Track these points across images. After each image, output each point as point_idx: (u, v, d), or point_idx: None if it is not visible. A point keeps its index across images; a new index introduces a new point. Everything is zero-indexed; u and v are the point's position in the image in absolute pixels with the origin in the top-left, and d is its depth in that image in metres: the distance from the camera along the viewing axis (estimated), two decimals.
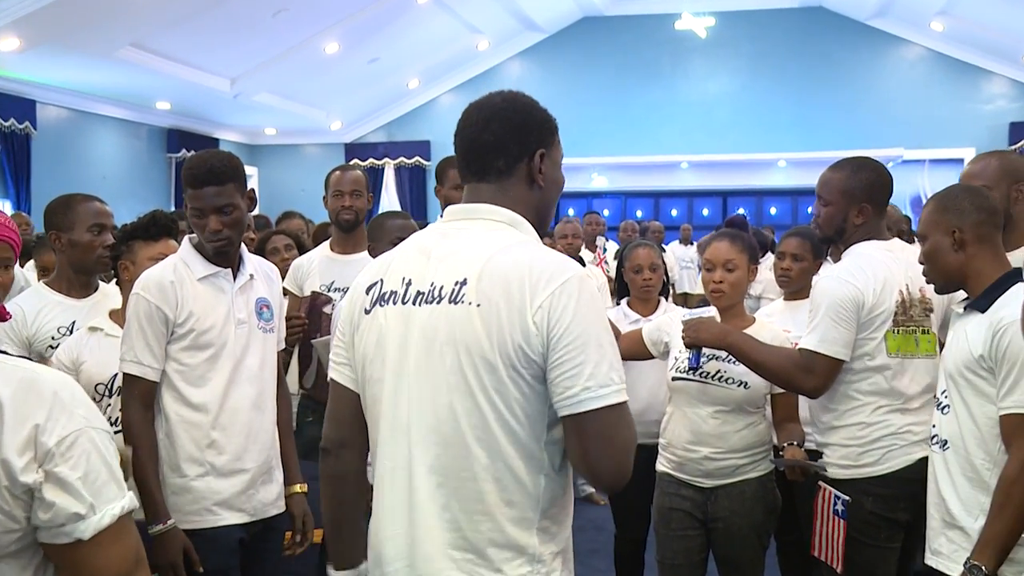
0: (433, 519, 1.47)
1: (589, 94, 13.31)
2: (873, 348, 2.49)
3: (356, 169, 3.65)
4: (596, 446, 1.42)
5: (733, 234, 2.97)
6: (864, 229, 2.57)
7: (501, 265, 1.46)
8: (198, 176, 2.36)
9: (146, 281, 2.35)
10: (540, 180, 1.59)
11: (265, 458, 2.46)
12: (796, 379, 2.53)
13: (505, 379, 1.44)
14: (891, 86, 12.72)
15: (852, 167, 2.62)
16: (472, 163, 1.59)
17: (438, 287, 1.50)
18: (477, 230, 1.54)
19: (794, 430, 2.87)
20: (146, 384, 2.33)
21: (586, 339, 1.41)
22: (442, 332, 1.48)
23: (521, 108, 1.61)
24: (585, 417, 1.41)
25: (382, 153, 14.15)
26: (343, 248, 3.56)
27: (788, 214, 13.41)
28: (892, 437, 2.49)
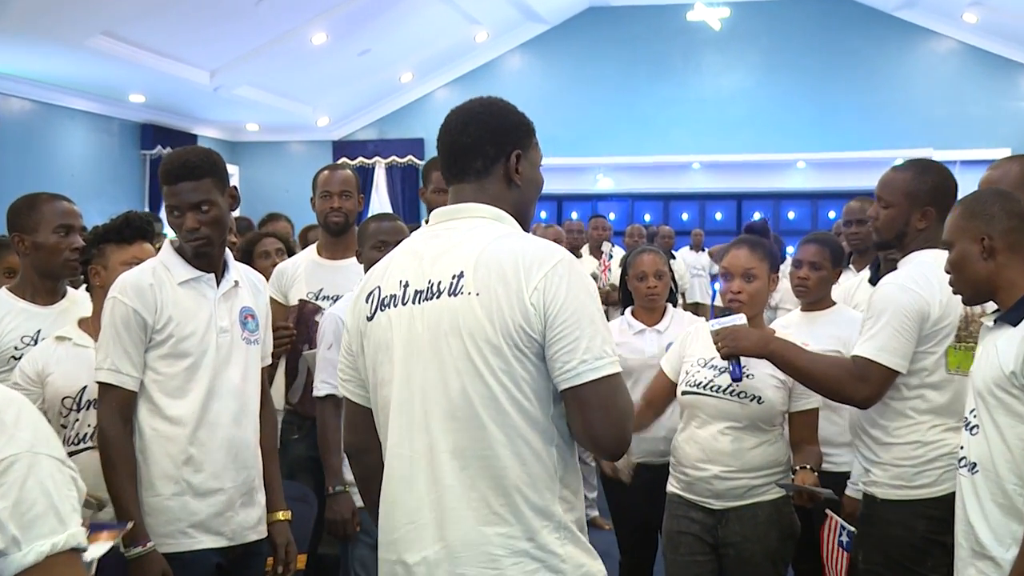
0: (462, 500, 1.66)
1: (594, 90, 13.32)
2: (932, 363, 2.52)
3: (345, 168, 3.67)
4: (596, 416, 1.64)
5: (753, 241, 2.99)
6: (925, 235, 2.60)
7: (495, 254, 1.68)
8: (173, 171, 2.38)
9: (123, 284, 2.37)
10: (517, 179, 1.81)
11: (246, 478, 2.46)
12: (847, 388, 2.54)
13: (511, 359, 1.64)
14: (919, 82, 12.74)
15: (918, 168, 2.65)
16: (453, 165, 1.83)
17: (436, 283, 1.71)
18: (464, 227, 1.76)
19: (810, 452, 2.88)
20: (124, 394, 2.34)
21: (580, 315, 1.63)
22: (445, 323, 1.68)
23: (497, 112, 1.83)
24: (584, 388, 1.63)
25: (372, 151, 14.15)
26: (331, 253, 3.57)
27: (807, 219, 13.42)
28: (950, 457, 2.49)
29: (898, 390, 2.54)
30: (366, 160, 14.08)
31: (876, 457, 2.62)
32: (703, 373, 2.87)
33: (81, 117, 11.34)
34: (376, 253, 3.08)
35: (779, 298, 5.48)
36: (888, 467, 2.58)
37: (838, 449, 3.23)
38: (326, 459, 3.04)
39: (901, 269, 2.62)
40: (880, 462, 2.60)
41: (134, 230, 2.71)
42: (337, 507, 2.99)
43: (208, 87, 11.13)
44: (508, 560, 1.65)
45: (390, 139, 14.18)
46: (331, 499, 3.00)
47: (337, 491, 3.00)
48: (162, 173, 2.41)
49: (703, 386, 2.86)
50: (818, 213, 13.38)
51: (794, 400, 2.89)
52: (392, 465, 1.75)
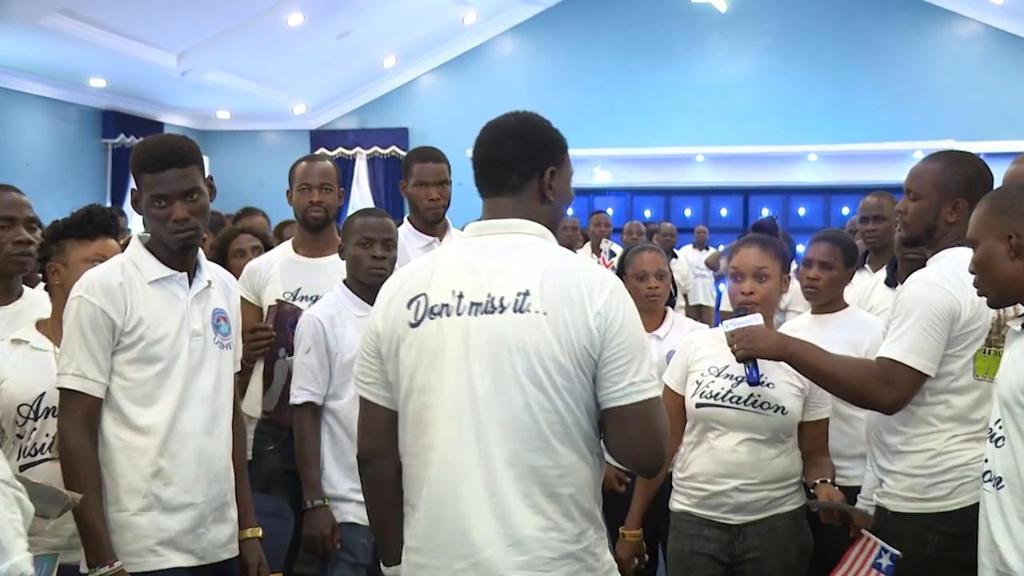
0: (518, 507, 1.86)
1: (591, 77, 13.34)
2: (959, 367, 2.53)
3: (325, 160, 3.67)
4: (639, 434, 1.90)
5: (764, 239, 3.00)
6: (957, 230, 2.59)
7: (558, 276, 1.90)
8: (160, 158, 2.37)
9: (90, 282, 2.35)
10: (550, 195, 2.00)
11: (218, 491, 2.46)
12: (872, 392, 2.54)
13: (573, 377, 1.88)
14: (941, 68, 12.77)
15: (949, 159, 2.66)
16: (488, 178, 2.02)
17: (497, 298, 1.90)
18: (516, 243, 1.96)
19: (825, 464, 2.90)
20: (89, 402, 2.32)
21: (633, 340, 1.90)
22: (510, 339, 1.88)
23: (533, 127, 2.03)
24: (631, 408, 1.88)
25: (353, 142, 14.14)
26: (309, 250, 3.56)
27: (819, 215, 13.45)
28: (965, 468, 2.51)
29: (921, 395, 2.55)
30: (346, 151, 14.07)
31: (890, 466, 2.63)
32: (719, 383, 2.87)
33: (37, 103, 11.29)
34: (361, 250, 3.07)
35: (788, 300, 5.47)
36: (901, 477, 2.59)
37: (849, 462, 3.24)
38: (304, 471, 3.04)
39: (931, 266, 2.61)
40: (893, 471, 2.61)
41: (96, 225, 2.69)
42: (315, 522, 2.98)
43: (175, 71, 11.11)
44: (557, 563, 1.87)
45: (372, 128, 14.17)
46: (309, 514, 3.00)
47: (316, 505, 3.00)
48: (143, 161, 2.38)
49: (721, 397, 2.85)
50: (831, 209, 13.41)
51: (807, 409, 2.90)
52: (438, 472, 1.91)
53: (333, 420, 3.07)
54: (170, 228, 2.39)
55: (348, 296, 3.12)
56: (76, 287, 2.37)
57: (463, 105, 13.58)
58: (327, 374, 3.06)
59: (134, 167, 2.42)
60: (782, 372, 2.82)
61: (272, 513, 3.08)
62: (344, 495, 3.03)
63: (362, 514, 3.02)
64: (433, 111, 13.83)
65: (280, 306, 3.40)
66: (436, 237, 3.77)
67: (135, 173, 2.42)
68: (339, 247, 3.16)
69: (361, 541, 3.03)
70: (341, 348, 3.04)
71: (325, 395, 3.07)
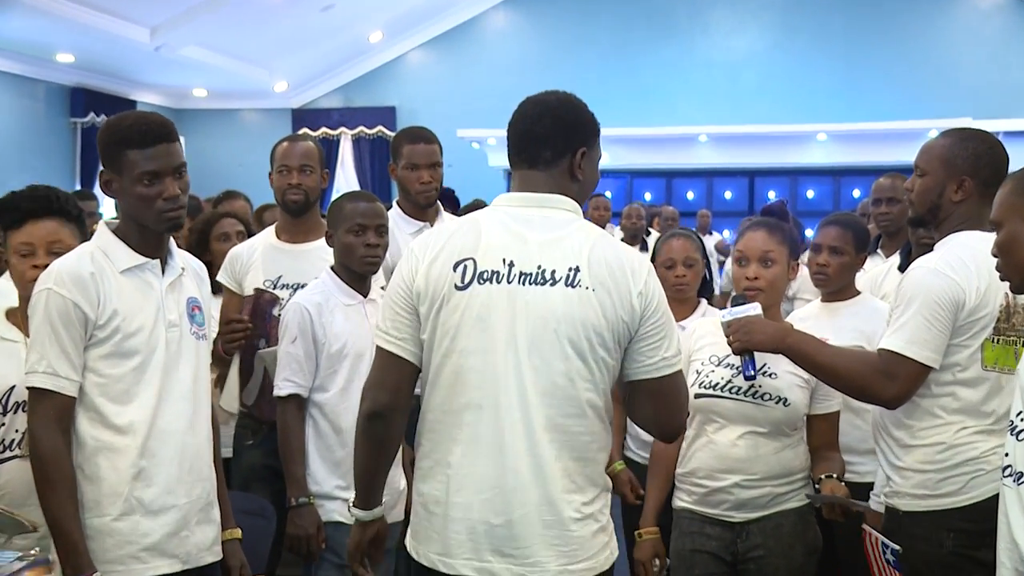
0: (552, 470, 2.11)
1: (588, 52, 13.32)
2: (966, 358, 2.53)
3: (307, 140, 3.66)
4: (667, 405, 2.21)
5: (771, 223, 3.00)
6: (963, 211, 2.60)
7: (604, 255, 2.14)
8: (149, 132, 2.36)
9: (58, 273, 2.32)
10: (579, 174, 2.23)
11: (201, 491, 2.46)
12: (872, 385, 2.56)
13: (613, 351, 2.14)
14: (958, 42, 12.77)
15: (960, 135, 2.66)
16: (523, 151, 2.23)
17: (549, 271, 2.13)
18: (560, 219, 2.19)
19: (833, 460, 2.91)
20: (62, 401, 2.29)
21: (666, 319, 2.18)
22: (560, 311, 2.10)
23: (571, 107, 2.25)
24: (662, 381, 2.17)
25: (337, 121, 14.10)
26: (292, 236, 3.56)
27: (828, 198, 13.46)
28: (978, 461, 2.52)
29: (927, 387, 2.55)
30: (330, 131, 14.04)
31: (898, 462, 2.63)
32: (719, 373, 2.88)
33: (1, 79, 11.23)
34: (353, 238, 3.07)
35: (796, 287, 5.48)
36: (910, 473, 2.59)
37: (861, 457, 3.24)
38: (288, 467, 3.04)
39: (936, 251, 2.62)
40: (901, 467, 2.62)
41: (22, 212, 2.67)
42: (300, 521, 2.99)
43: (148, 46, 11.05)
44: (579, 523, 2.12)
45: (357, 107, 14.14)
46: (293, 512, 3.00)
47: (300, 503, 3.00)
48: (134, 135, 2.34)
49: (720, 387, 2.87)
50: (841, 192, 13.42)
51: (815, 402, 2.91)
52: (476, 432, 2.13)
53: (319, 413, 3.07)
54: (160, 207, 2.36)
55: (336, 283, 3.11)
56: (43, 278, 2.34)
57: (454, 82, 13.57)
58: (313, 365, 3.06)
59: (113, 144, 2.37)
60: (786, 362, 2.82)
61: (253, 512, 3.08)
62: (329, 492, 3.04)
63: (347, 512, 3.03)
64: (422, 89, 13.80)
65: (258, 295, 3.40)
66: (427, 222, 3.77)
67: (112, 151, 2.37)
68: (326, 233, 3.14)
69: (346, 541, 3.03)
70: (328, 338, 3.04)
71: (311, 387, 3.07)
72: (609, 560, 2.20)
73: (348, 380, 3.05)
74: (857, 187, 12.87)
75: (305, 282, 3.32)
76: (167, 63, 11.75)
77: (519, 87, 2.01)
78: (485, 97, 13.37)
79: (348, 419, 3.02)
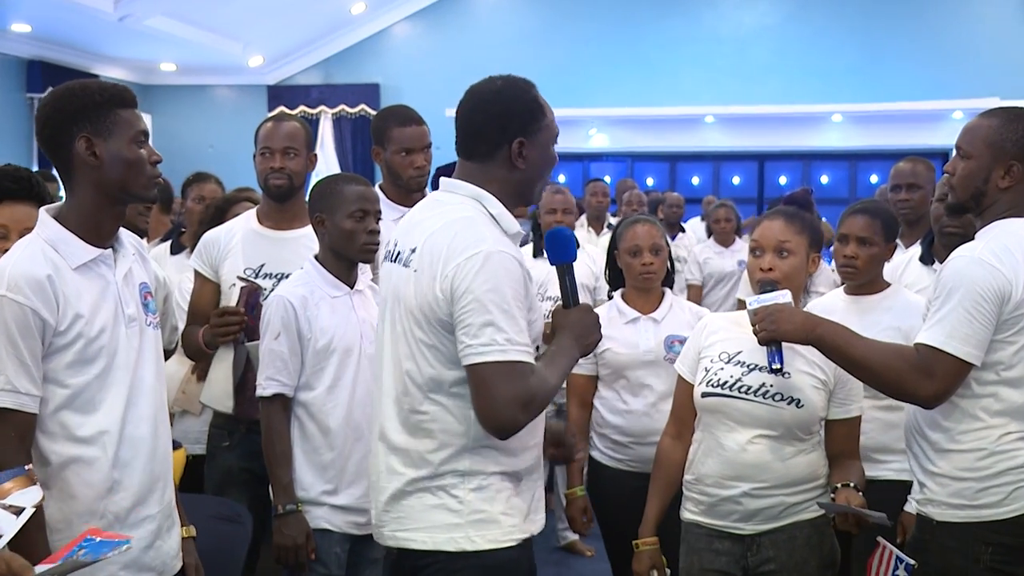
0: (397, 440, 2.42)
1: (587, 26, 13.31)
2: (1011, 355, 2.53)
3: (293, 120, 3.65)
4: (478, 398, 2.27)
5: (790, 212, 3.00)
6: (1010, 198, 2.60)
7: (436, 237, 2.32)
8: (128, 96, 2.38)
9: (12, 278, 2.23)
10: (520, 163, 2.40)
11: (168, 495, 2.47)
12: (908, 382, 2.54)
13: (429, 333, 2.32)
14: (984, 16, 12.75)
15: (1008, 115, 2.65)
16: (461, 143, 2.44)
17: (406, 249, 2.40)
18: (444, 200, 2.43)
19: (852, 467, 2.90)
20: (24, 420, 2.25)
21: (476, 304, 2.23)
22: (398, 290, 2.39)
23: (506, 99, 2.39)
24: (471, 371, 2.26)
25: (317, 99, 14.06)
26: (275, 221, 3.56)
27: (844, 183, 13.50)
28: (1020, 471, 2.52)
29: (968, 386, 2.55)
30: (309, 109, 13.99)
31: (933, 467, 2.63)
32: (728, 371, 2.89)
33: None
34: (356, 223, 3.08)
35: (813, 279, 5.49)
36: (946, 480, 2.59)
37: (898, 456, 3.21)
38: (274, 472, 3.05)
39: (979, 239, 2.61)
40: (937, 473, 2.61)
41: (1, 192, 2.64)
42: (288, 530, 3.00)
43: (112, 16, 11.01)
44: (411, 494, 2.40)
45: (338, 84, 14.09)
46: (280, 520, 3.01)
47: (288, 511, 3.01)
48: (126, 95, 2.36)
49: (729, 386, 2.87)
50: (857, 177, 13.46)
51: (834, 406, 2.92)
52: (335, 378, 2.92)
53: (304, 414, 3.07)
54: (150, 172, 2.36)
55: (321, 274, 3.12)
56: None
57: (441, 58, 13.53)
58: (299, 362, 3.06)
59: (104, 104, 2.32)
60: (802, 361, 2.83)
61: (227, 518, 3.09)
62: (316, 498, 3.05)
63: (336, 519, 3.05)
64: (408, 64, 13.77)
65: (251, 288, 3.40)
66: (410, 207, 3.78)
67: (102, 112, 2.32)
68: (316, 218, 3.13)
69: (334, 550, 3.05)
70: (314, 332, 3.04)
71: (296, 386, 3.07)
72: None
73: (336, 377, 3.06)
74: (875, 172, 12.92)
75: (289, 272, 3.32)
76: (132, 35, 11.70)
77: (512, 63, 2.00)
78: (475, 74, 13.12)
79: (336, 419, 3.03)
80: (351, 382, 3.07)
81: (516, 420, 2.26)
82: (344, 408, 3.05)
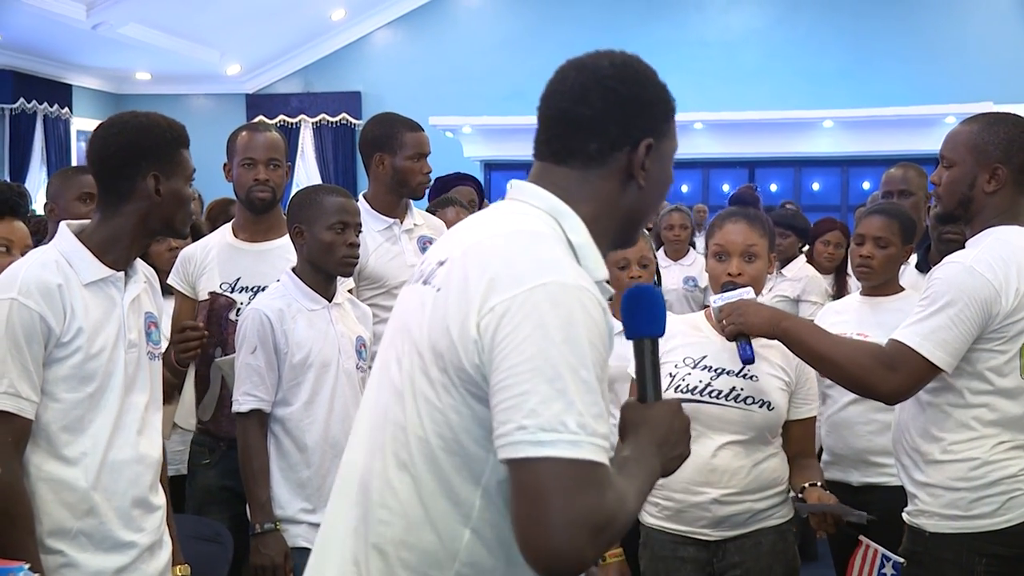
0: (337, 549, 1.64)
1: (571, 30, 13.32)
2: (1002, 364, 2.54)
3: (271, 130, 3.64)
4: (525, 508, 1.42)
5: (751, 214, 3.03)
6: (998, 203, 2.61)
7: (481, 250, 1.56)
8: (186, 136, 2.55)
9: (24, 282, 2.29)
10: (641, 178, 1.66)
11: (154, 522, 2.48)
12: (871, 376, 2.56)
13: (438, 386, 1.53)
14: (975, 21, 12.86)
15: (987, 119, 2.67)
16: (555, 139, 1.67)
17: (431, 263, 1.65)
18: (507, 210, 1.66)
19: (812, 467, 2.95)
20: (22, 424, 2.28)
21: (541, 363, 1.43)
22: (407, 316, 1.63)
23: (633, 79, 1.67)
24: (520, 467, 1.42)
25: (297, 108, 14.09)
26: (252, 234, 3.55)
27: (835, 190, 13.56)
28: (1015, 480, 2.54)
29: (960, 396, 2.57)
30: (289, 119, 14.02)
31: (924, 478, 2.64)
32: (696, 375, 2.90)
33: None
34: (335, 236, 3.06)
35: (801, 289, 5.55)
36: (939, 491, 2.60)
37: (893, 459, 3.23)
38: (251, 490, 3.05)
39: (971, 247, 2.62)
40: (929, 484, 2.63)
41: None
42: (266, 549, 2.99)
43: (84, 24, 11.01)
44: None
45: (319, 92, 14.12)
46: (258, 539, 3.01)
47: (266, 529, 3.01)
48: (180, 136, 2.51)
49: (700, 391, 2.88)
50: (849, 183, 13.53)
51: (793, 406, 2.94)
52: (339, 486, 1.72)
53: (280, 430, 3.07)
54: (190, 210, 2.52)
55: (297, 286, 3.11)
56: (4, 286, 2.31)
57: (424, 65, 13.57)
58: (276, 377, 3.06)
59: (172, 142, 2.47)
60: (766, 364, 2.86)
61: (207, 538, 3.08)
62: (294, 516, 3.05)
63: (313, 537, 3.03)
64: (390, 72, 13.80)
65: (214, 299, 3.40)
66: (397, 219, 3.79)
67: (168, 151, 2.46)
68: (295, 229, 3.12)
69: None
70: (291, 346, 3.04)
71: (273, 401, 3.08)
72: None
73: (313, 392, 3.05)
74: (867, 178, 12.97)
75: (265, 284, 3.32)
76: (106, 43, 11.71)
77: (496, 70, 1.92)
78: (459, 81, 13.41)
79: (313, 436, 3.03)
80: (328, 398, 3.07)
81: (582, 553, 1.41)
82: (322, 424, 3.04)
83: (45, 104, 12.58)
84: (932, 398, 2.61)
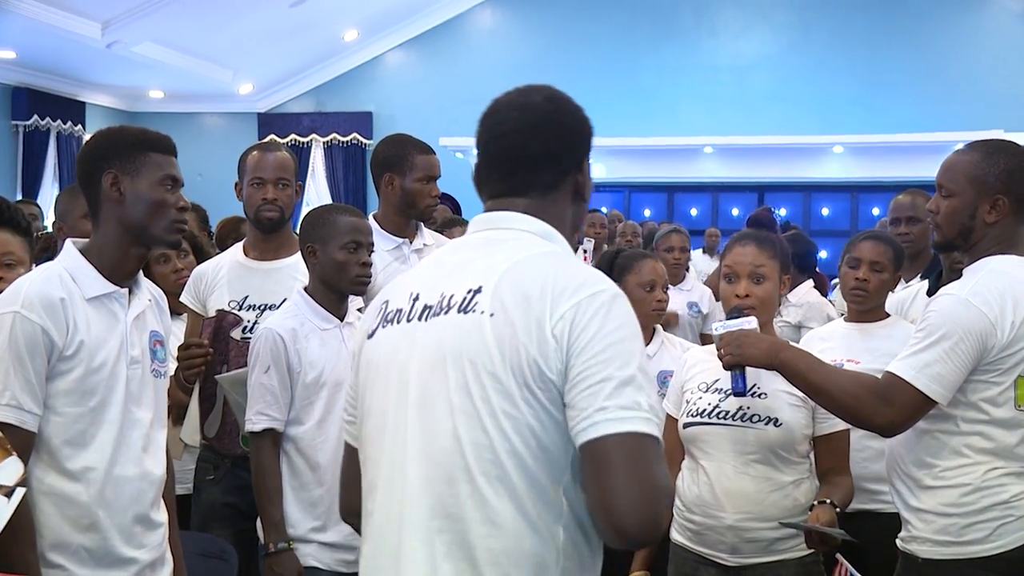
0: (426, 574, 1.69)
1: (584, 55, 13.39)
2: (997, 395, 2.55)
3: (281, 149, 3.67)
4: (616, 481, 1.58)
5: (761, 236, 3.05)
6: (997, 233, 2.63)
7: (524, 272, 1.72)
8: (170, 142, 2.50)
9: (27, 296, 2.32)
10: (585, 193, 1.89)
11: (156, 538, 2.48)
12: (866, 409, 2.56)
13: (518, 401, 1.67)
14: (988, 47, 12.85)
15: (987, 148, 2.67)
16: (511, 175, 1.85)
17: (447, 296, 1.75)
18: (502, 238, 1.81)
19: (838, 485, 2.89)
20: (25, 437, 2.29)
21: (612, 354, 1.64)
22: (447, 346, 1.71)
23: (572, 111, 1.89)
24: (603, 444, 1.60)
25: (308, 127, 14.14)
26: (262, 253, 3.57)
27: (845, 215, 13.55)
28: (1007, 506, 2.54)
29: (954, 424, 2.58)
30: (300, 138, 14.06)
31: (917, 503, 2.65)
32: (706, 399, 2.93)
33: None
34: (348, 255, 3.08)
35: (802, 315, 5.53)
36: (931, 517, 2.61)
37: None
38: (265, 509, 3.05)
39: (967, 278, 2.63)
40: (921, 510, 2.63)
41: None
42: (279, 568, 3.00)
43: (100, 43, 11.06)
44: None
45: (330, 112, 14.17)
46: (272, 559, 3.02)
47: (280, 549, 3.01)
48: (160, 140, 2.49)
49: (708, 414, 2.91)
50: (859, 209, 13.51)
51: (817, 422, 2.93)
52: (373, 526, 1.80)
53: (293, 449, 3.08)
54: (173, 216, 2.45)
55: (310, 306, 3.13)
56: (8, 300, 2.34)
57: (436, 86, 13.62)
58: (289, 396, 3.07)
59: (136, 145, 2.45)
60: (781, 380, 2.86)
61: (212, 555, 3.09)
62: (305, 536, 3.05)
63: (325, 557, 3.05)
64: (401, 93, 13.85)
65: (221, 317, 3.41)
66: (407, 238, 3.80)
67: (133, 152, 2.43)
68: (308, 248, 3.14)
69: None
70: (304, 366, 3.05)
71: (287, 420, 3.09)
72: None
73: (326, 412, 3.06)
74: (876, 204, 12.95)
75: (272, 303, 3.34)
76: (120, 61, 11.76)
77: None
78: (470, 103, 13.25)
79: (325, 454, 3.04)
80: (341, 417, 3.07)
81: (658, 520, 1.60)
82: (334, 443, 3.04)
83: (59, 121, 12.63)
84: (926, 425, 2.62)
